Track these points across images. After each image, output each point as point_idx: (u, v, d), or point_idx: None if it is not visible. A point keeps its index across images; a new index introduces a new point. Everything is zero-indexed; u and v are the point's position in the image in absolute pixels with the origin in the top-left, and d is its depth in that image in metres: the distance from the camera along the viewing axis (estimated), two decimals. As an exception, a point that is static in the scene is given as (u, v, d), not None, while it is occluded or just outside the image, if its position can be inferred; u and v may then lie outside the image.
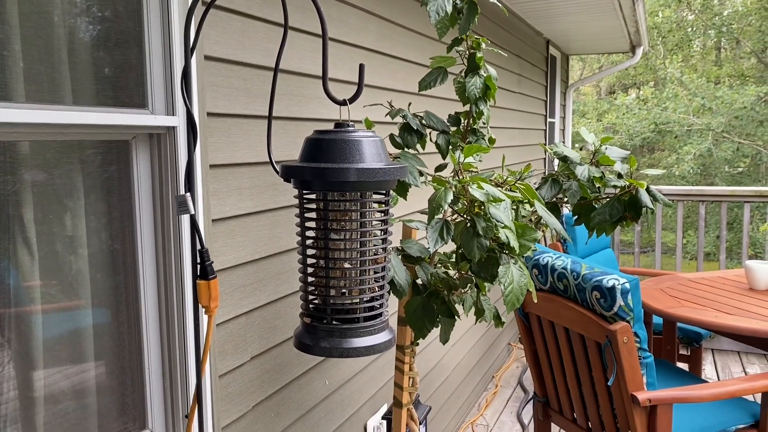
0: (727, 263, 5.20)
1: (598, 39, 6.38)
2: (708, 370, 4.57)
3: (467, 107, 1.92)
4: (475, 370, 4.03)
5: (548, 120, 6.12)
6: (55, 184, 1.32)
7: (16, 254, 1.25)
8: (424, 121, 1.88)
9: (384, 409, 2.65)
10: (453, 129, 1.97)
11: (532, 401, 3.93)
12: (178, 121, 1.51)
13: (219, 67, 1.65)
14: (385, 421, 2.58)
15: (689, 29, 16.70)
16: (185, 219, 1.52)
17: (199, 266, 1.38)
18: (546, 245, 4.05)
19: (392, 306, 2.62)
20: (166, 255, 1.53)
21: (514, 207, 1.71)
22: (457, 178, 1.57)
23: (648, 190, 1.78)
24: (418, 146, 1.88)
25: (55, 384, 1.34)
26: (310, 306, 1.30)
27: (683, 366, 4.09)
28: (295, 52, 1.96)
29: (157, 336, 1.55)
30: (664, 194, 1.91)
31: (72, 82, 1.32)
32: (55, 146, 1.31)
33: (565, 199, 1.91)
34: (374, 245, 1.26)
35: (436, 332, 3.16)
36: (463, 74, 1.88)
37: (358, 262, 1.24)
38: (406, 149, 1.85)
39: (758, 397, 3.56)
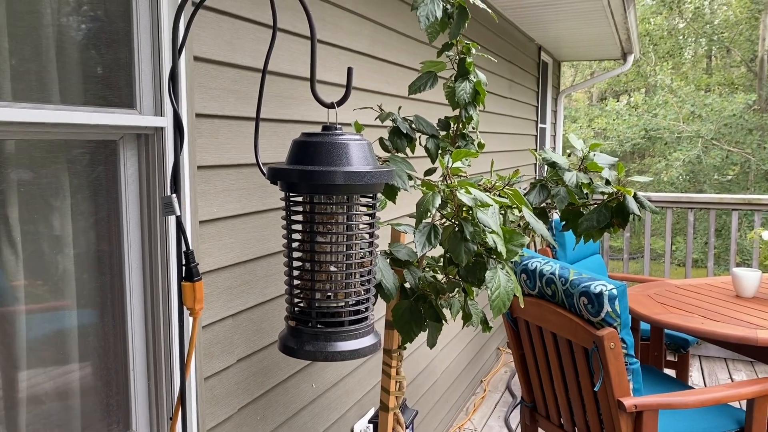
0: (714, 270, 5.22)
1: (590, 46, 6.41)
2: (695, 376, 4.59)
3: (457, 112, 1.93)
4: (463, 375, 4.03)
5: (539, 125, 6.15)
6: (42, 184, 1.31)
7: (1, 253, 1.24)
8: (413, 125, 1.88)
9: (371, 413, 2.65)
10: (443, 133, 1.97)
11: (519, 406, 3.94)
12: (167, 122, 1.50)
13: (208, 68, 1.65)
14: (371, 425, 2.58)
15: (680, 37, 16.84)
16: (172, 220, 1.52)
17: (184, 268, 1.38)
18: (535, 250, 4.06)
19: (380, 310, 2.61)
20: (153, 256, 1.53)
21: (503, 212, 1.72)
22: (445, 182, 1.57)
23: (635, 197, 1.79)
24: (408, 150, 1.89)
25: (39, 385, 1.33)
26: (295, 309, 1.29)
27: (670, 372, 4.10)
28: (286, 54, 1.96)
29: (142, 337, 1.54)
30: (653, 201, 1.92)
31: (60, 81, 1.31)
32: (42, 145, 1.30)
33: (554, 205, 1.92)
34: (360, 249, 1.26)
35: (424, 336, 3.16)
36: (453, 79, 1.89)
37: (344, 265, 1.24)
38: (395, 153, 1.85)
39: (744, 404, 3.59)
